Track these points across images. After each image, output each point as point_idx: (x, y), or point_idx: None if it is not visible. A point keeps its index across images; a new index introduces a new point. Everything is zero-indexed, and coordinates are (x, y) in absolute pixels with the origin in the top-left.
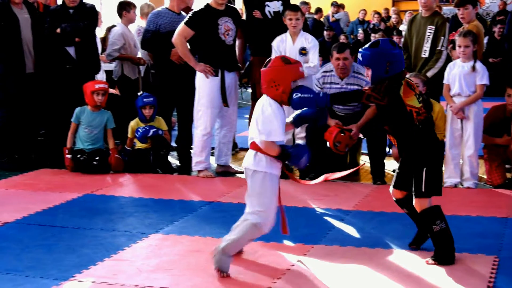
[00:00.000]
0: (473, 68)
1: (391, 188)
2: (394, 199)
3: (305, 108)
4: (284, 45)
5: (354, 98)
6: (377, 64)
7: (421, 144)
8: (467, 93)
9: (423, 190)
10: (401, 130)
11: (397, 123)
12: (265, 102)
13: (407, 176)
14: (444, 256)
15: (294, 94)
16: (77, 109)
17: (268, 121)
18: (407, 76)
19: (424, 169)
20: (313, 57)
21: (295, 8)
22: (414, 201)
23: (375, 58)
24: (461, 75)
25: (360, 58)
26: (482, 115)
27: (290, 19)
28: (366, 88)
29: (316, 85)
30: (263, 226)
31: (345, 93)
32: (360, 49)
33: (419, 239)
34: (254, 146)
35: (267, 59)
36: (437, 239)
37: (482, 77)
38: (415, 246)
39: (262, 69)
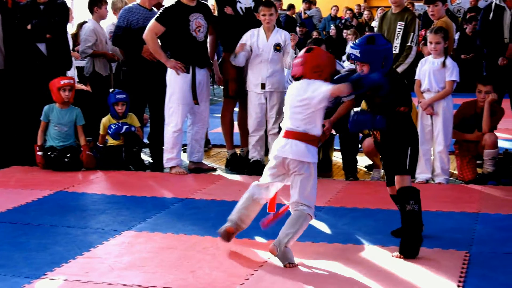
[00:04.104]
0: (443, 64)
1: (387, 188)
2: (391, 195)
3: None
4: (254, 40)
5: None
6: (376, 61)
7: (406, 128)
8: (436, 89)
9: (408, 167)
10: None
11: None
12: (305, 80)
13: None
14: (408, 249)
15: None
16: (46, 107)
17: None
18: None
19: (409, 148)
20: (293, 52)
21: (268, 4)
22: (396, 178)
23: (375, 55)
24: (431, 71)
25: (358, 55)
26: (452, 111)
27: (264, 15)
28: (400, 108)
29: (289, 81)
30: (312, 214)
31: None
32: (353, 45)
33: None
34: (299, 136)
35: (308, 46)
36: (406, 220)
37: (451, 74)
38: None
39: (306, 53)
